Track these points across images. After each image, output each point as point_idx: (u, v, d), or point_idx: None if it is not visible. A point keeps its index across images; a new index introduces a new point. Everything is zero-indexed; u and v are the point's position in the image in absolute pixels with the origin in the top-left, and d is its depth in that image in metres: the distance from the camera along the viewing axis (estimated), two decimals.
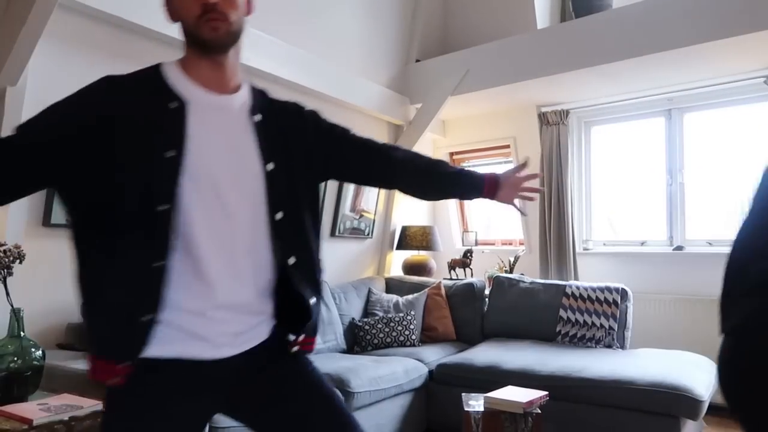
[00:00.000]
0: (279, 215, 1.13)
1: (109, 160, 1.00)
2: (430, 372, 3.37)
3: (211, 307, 1.06)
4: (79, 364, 2.18)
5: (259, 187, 1.12)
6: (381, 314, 3.85)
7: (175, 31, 1.14)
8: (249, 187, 1.11)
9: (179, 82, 1.09)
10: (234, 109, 1.13)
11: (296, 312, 1.17)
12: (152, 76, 1.10)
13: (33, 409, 1.65)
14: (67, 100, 1.04)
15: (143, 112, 1.03)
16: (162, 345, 1.04)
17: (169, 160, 1.02)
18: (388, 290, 4.26)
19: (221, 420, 2.20)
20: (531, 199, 1.38)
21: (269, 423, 1.17)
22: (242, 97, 1.16)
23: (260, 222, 1.12)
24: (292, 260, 1.15)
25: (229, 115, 1.12)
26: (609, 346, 3.46)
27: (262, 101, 1.20)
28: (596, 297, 3.61)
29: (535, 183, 1.28)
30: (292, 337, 1.18)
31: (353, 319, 3.78)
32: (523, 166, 1.39)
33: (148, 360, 1.03)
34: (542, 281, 3.98)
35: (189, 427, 1.11)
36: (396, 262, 4.76)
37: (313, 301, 1.18)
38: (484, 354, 3.38)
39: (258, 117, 1.15)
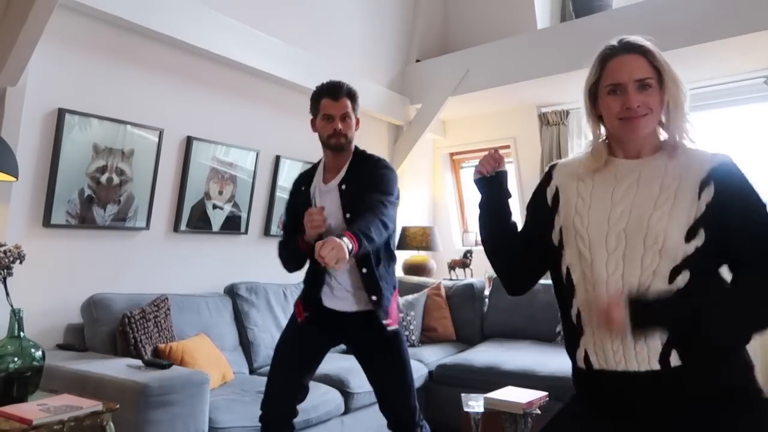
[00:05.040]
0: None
1: None
2: (430, 372, 3.37)
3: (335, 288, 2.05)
4: (79, 364, 2.18)
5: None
6: None
7: (173, 31, 1.14)
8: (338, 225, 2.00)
9: (319, 173, 2.12)
10: (333, 188, 2.06)
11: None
12: (317, 168, 2.15)
13: (33, 409, 1.65)
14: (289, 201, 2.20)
15: (311, 190, 2.10)
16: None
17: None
18: None
19: (221, 420, 2.21)
20: None
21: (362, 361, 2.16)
22: (339, 177, 2.06)
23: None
24: (364, 270, 1.99)
25: (332, 190, 2.06)
26: None
27: (352, 171, 2.06)
28: None
29: None
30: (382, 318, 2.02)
31: None
32: None
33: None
34: (542, 281, 3.97)
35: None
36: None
37: (374, 298, 1.99)
38: (484, 354, 3.38)
39: (343, 186, 2.04)
